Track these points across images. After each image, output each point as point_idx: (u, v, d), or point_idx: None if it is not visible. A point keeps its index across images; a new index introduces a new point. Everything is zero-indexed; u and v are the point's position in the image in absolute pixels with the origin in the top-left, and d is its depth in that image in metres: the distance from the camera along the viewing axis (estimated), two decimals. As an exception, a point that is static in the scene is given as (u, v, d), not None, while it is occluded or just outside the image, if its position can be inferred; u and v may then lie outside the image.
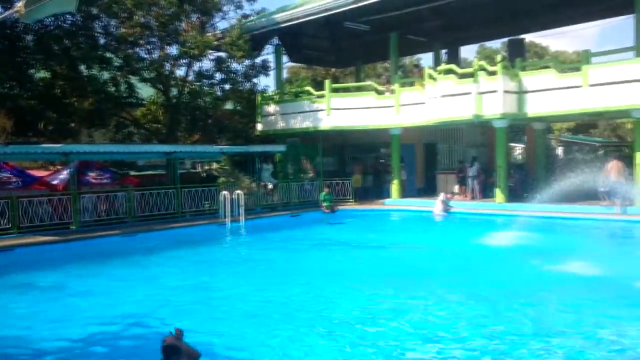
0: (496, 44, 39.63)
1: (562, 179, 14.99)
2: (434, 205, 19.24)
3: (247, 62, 22.72)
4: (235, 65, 22.56)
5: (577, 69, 17.61)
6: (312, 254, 13.31)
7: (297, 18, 21.59)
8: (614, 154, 22.64)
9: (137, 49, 20.68)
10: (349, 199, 21.95)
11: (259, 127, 24.06)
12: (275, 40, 24.56)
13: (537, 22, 23.68)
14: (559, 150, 31.41)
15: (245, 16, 23.48)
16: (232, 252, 14.42)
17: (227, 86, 23.27)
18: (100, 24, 20.03)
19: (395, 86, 21.44)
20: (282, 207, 20.36)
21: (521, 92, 18.28)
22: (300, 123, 22.67)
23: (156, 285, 9.91)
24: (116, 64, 20.32)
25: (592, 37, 64.08)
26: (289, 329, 7.14)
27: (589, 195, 17.71)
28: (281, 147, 21.68)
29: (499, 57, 18.79)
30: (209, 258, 12.86)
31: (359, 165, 23.86)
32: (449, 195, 19.69)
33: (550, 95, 17.75)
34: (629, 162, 17.99)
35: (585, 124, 35.71)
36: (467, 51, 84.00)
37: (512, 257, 11.67)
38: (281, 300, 8.57)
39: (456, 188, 21.68)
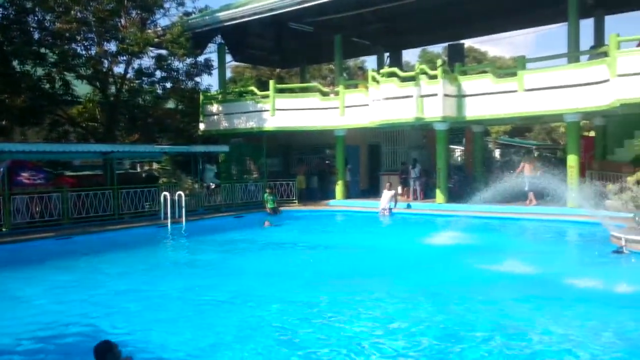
0: (437, 48, 40.58)
1: (498, 181, 15.50)
2: (382, 198, 19.61)
3: (189, 60, 22.33)
4: (176, 63, 22.14)
5: (513, 74, 18.26)
6: (253, 255, 13.19)
7: (241, 17, 21.38)
8: (526, 157, 23.71)
9: (74, 45, 19.91)
10: (294, 200, 21.94)
11: (202, 126, 23.70)
12: (219, 39, 24.24)
13: (476, 28, 24.50)
14: (497, 153, 32.53)
15: (187, 13, 23.03)
16: (170, 254, 14.07)
17: (168, 84, 22.77)
18: (34, 18, 19.18)
19: (340, 88, 21.60)
20: (226, 208, 20.11)
21: (460, 96, 18.79)
22: (244, 123, 22.47)
23: (89, 289, 9.56)
24: (51, 60, 19.50)
25: (529, 44, 66.76)
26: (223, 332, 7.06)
27: (524, 196, 18.39)
28: (224, 148, 21.40)
29: (439, 62, 19.24)
30: (145, 261, 12.51)
31: (302, 167, 23.90)
32: (387, 185, 20.06)
33: (487, 99, 18.35)
34: (560, 163, 18.80)
35: (521, 127, 37.13)
36: (410, 55, 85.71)
37: (449, 256, 11.94)
38: (222, 302, 8.46)
39: (399, 189, 22.06)
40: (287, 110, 21.65)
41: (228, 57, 25.90)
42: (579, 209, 15.55)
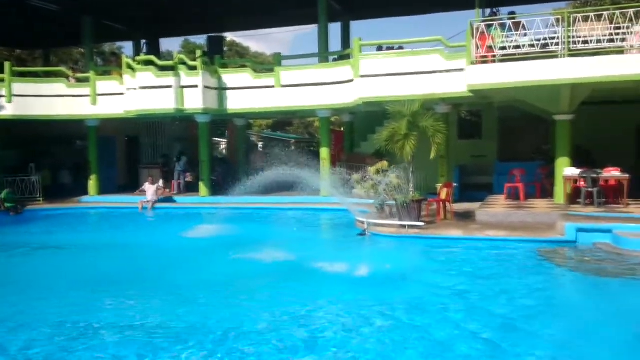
0: (201, 39, 40.12)
1: (260, 173, 15.84)
2: (147, 192, 18.70)
3: None
4: None
5: (271, 71, 18.91)
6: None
7: (-35, -15, 18.18)
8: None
9: None
10: (38, 197, 19.55)
11: None
12: (-62, 10, 20.28)
13: (236, 22, 24.80)
14: (260, 146, 33.59)
15: None
16: None
17: None
18: None
19: (91, 74, 19.86)
20: (-52, 210, 17.04)
21: (221, 89, 18.86)
22: (-29, 110, 19.21)
23: None
24: None
25: (291, 41, 70.61)
26: None
27: (285, 187, 19.12)
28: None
29: (198, 53, 18.99)
30: None
31: (46, 160, 21.42)
32: (149, 179, 19.16)
33: (248, 94, 18.73)
34: (316, 156, 20.05)
35: (282, 121, 38.95)
36: (172, 44, 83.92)
37: (210, 249, 11.82)
38: None
39: (161, 182, 21.23)
40: (27, 97, 19.14)
41: (-49, 32, 21.91)
42: (331, 197, 16.73)
